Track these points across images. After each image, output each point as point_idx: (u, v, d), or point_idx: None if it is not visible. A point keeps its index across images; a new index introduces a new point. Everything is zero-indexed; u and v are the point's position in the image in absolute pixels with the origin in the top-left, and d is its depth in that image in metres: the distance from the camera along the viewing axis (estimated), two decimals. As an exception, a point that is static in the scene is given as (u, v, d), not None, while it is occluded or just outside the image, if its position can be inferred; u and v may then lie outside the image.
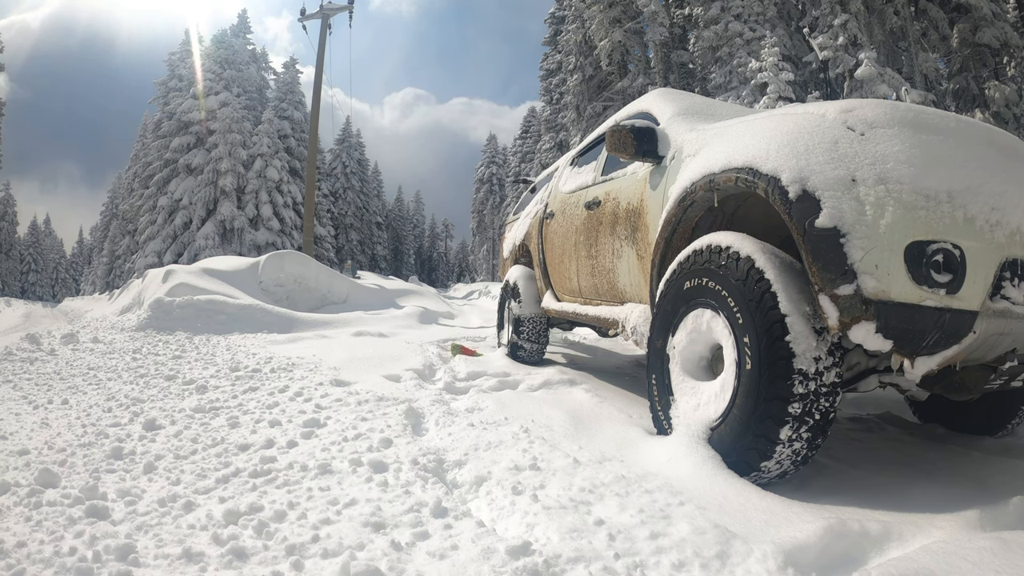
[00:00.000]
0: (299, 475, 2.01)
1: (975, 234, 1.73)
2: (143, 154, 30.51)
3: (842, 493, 1.92)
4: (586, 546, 1.49)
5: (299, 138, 28.90)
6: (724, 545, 1.48)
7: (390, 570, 1.39)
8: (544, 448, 2.31)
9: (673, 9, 18.99)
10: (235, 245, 24.45)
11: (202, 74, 25.96)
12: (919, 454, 2.41)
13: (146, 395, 3.27)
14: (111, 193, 44.35)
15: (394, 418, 2.67)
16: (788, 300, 1.85)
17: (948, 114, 2.01)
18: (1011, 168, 1.89)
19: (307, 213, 18.21)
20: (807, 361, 1.79)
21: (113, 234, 36.04)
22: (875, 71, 11.53)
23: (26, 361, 4.44)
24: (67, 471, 2.06)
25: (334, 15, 18.77)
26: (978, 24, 12.98)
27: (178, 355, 4.80)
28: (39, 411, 2.95)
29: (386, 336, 6.06)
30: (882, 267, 1.68)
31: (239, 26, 30.11)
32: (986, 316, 1.74)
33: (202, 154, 25.39)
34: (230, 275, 8.66)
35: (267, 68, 31.84)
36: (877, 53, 12.12)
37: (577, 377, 3.65)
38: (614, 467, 1.93)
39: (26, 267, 57.17)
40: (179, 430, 2.57)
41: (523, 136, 39.57)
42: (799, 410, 1.80)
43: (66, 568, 1.40)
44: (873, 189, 1.74)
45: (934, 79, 13.52)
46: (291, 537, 1.57)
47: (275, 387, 3.39)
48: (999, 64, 13.15)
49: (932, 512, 1.73)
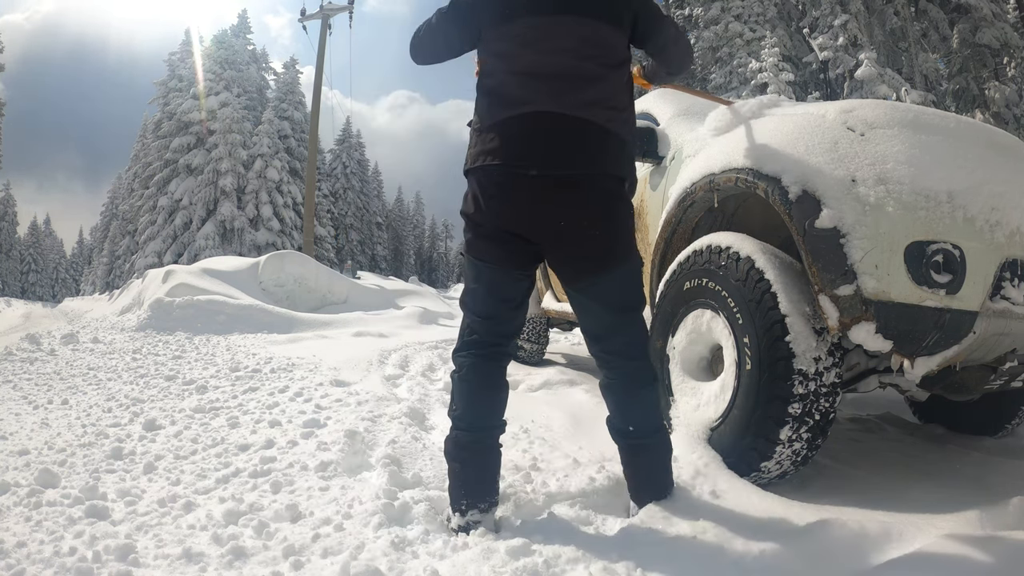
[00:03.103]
0: (299, 475, 2.02)
1: (975, 234, 1.73)
2: (143, 154, 30.51)
3: (842, 493, 1.92)
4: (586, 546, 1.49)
5: (299, 138, 28.89)
6: (724, 545, 1.48)
7: (390, 570, 1.39)
8: (544, 448, 2.31)
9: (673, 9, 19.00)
10: (235, 245, 24.45)
11: (202, 74, 25.96)
12: (919, 454, 2.41)
13: (146, 395, 3.27)
14: (111, 193, 44.37)
15: (394, 418, 2.67)
16: (788, 300, 1.85)
17: (948, 114, 2.02)
18: (1011, 168, 1.90)
19: (307, 213, 18.22)
20: (807, 361, 1.79)
21: (113, 234, 36.05)
22: (875, 71, 11.54)
23: (26, 361, 4.44)
24: (67, 471, 2.06)
25: (334, 15, 18.79)
26: (978, 25, 12.99)
27: (178, 355, 4.80)
28: (39, 411, 2.95)
29: (386, 336, 6.06)
30: (882, 267, 1.68)
31: (239, 26, 30.10)
32: (986, 316, 1.74)
33: (202, 154, 25.39)
34: (230, 275, 8.66)
35: (267, 68, 31.82)
36: (877, 53, 12.12)
37: (577, 377, 3.65)
38: (614, 467, 1.93)
39: (26, 267, 57.19)
40: (179, 430, 2.57)
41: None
42: (799, 410, 1.80)
43: (66, 568, 1.40)
44: (873, 189, 1.74)
45: (934, 79, 13.52)
46: (291, 537, 1.57)
47: (275, 387, 3.39)
48: (999, 65, 13.15)
49: (932, 512, 1.73)
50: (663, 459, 1.72)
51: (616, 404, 1.70)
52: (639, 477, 1.71)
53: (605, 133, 1.61)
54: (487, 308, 1.69)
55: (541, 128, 1.58)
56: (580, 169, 1.58)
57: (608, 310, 1.66)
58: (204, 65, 26.28)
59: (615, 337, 1.67)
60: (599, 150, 1.60)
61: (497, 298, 1.68)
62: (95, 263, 42.58)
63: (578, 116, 1.59)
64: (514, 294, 1.70)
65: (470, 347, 1.70)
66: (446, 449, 1.71)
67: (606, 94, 1.64)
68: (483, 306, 1.69)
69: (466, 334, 1.72)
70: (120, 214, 35.05)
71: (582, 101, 1.60)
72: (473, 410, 1.69)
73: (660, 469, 1.72)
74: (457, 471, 1.67)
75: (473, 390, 1.69)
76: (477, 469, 1.67)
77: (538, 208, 1.59)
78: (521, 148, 1.59)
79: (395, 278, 20.98)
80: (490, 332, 1.70)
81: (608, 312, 1.66)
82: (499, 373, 1.73)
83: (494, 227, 1.63)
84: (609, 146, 1.62)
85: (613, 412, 1.72)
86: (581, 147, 1.58)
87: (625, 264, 1.66)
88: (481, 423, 1.69)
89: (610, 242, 1.62)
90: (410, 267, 51.55)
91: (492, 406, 1.72)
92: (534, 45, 1.62)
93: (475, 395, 1.69)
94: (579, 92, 1.60)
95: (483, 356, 1.69)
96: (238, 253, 22.63)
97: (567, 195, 1.58)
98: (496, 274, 1.67)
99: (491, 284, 1.68)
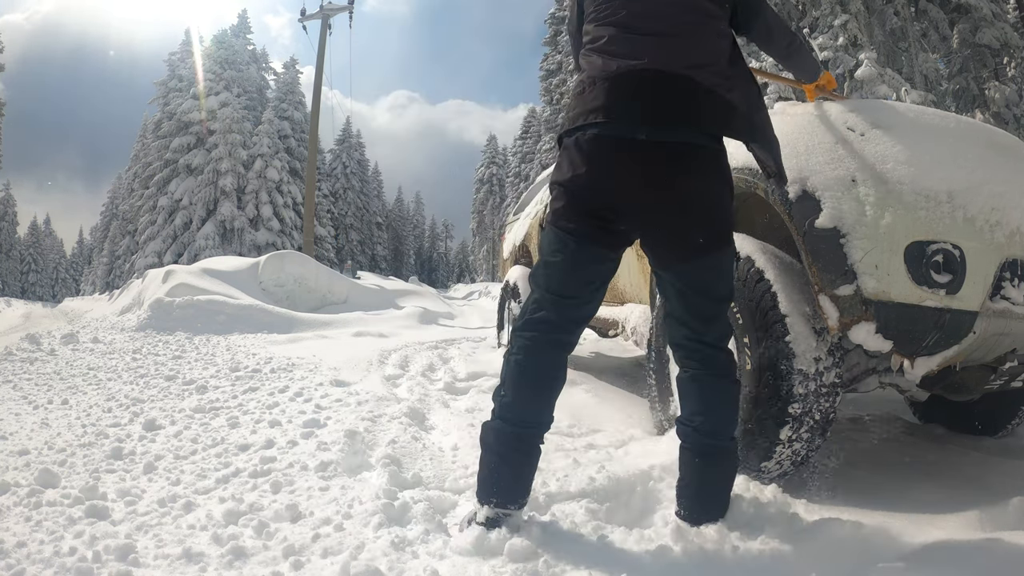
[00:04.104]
0: (299, 475, 2.02)
1: (975, 234, 1.73)
2: (143, 154, 30.52)
3: (842, 493, 1.92)
4: (587, 547, 1.49)
5: (299, 138, 28.89)
6: (723, 544, 1.48)
7: (390, 570, 1.39)
8: (545, 448, 2.31)
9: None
10: (235, 245, 24.45)
11: (202, 74, 25.97)
12: (919, 454, 2.41)
13: (146, 395, 3.27)
14: (111, 193, 44.37)
15: (394, 418, 2.67)
16: (788, 300, 1.85)
17: (948, 114, 2.02)
18: (1011, 168, 1.89)
19: (307, 213, 18.22)
20: (807, 361, 1.79)
21: (113, 234, 36.05)
22: (875, 71, 11.53)
23: (26, 361, 4.44)
24: (67, 471, 2.06)
25: (334, 15, 18.78)
26: (978, 25, 12.98)
27: (178, 355, 4.80)
28: (39, 411, 2.95)
29: (386, 336, 6.06)
30: (882, 267, 1.68)
31: (239, 26, 30.11)
32: (986, 316, 1.74)
33: (202, 154, 25.40)
34: (230, 275, 8.66)
35: (267, 68, 31.84)
36: (877, 54, 12.12)
37: (577, 377, 3.65)
38: (614, 467, 1.93)
39: (26, 267, 57.20)
40: (179, 430, 2.57)
41: (523, 136, 39.57)
42: (799, 410, 1.80)
43: (66, 568, 1.40)
44: (873, 189, 1.74)
45: (934, 79, 13.52)
46: (291, 537, 1.57)
47: (275, 387, 3.39)
48: (999, 65, 13.15)
49: (932, 512, 1.73)
50: (732, 472, 1.59)
51: (701, 399, 1.55)
52: (705, 492, 1.56)
53: (719, 99, 1.49)
54: (564, 286, 1.53)
55: (647, 85, 1.47)
56: (692, 136, 1.47)
57: (708, 297, 1.54)
58: (204, 65, 26.29)
59: (713, 325, 1.54)
60: (717, 116, 1.49)
61: (578, 277, 1.52)
62: (95, 263, 42.58)
63: (689, 76, 1.47)
64: (595, 276, 1.55)
65: (535, 327, 1.53)
66: (483, 436, 1.57)
67: (714, 59, 1.53)
68: (559, 284, 1.53)
69: (532, 310, 1.55)
70: (120, 214, 35.05)
71: (691, 62, 1.49)
72: (524, 402, 1.54)
73: (727, 483, 1.58)
74: (494, 465, 1.53)
75: (529, 379, 1.54)
76: (515, 467, 1.54)
77: (644, 179, 1.46)
78: (630, 104, 1.46)
79: (395, 278, 20.97)
80: (561, 315, 1.53)
81: (708, 300, 1.54)
82: (561, 363, 1.58)
83: (589, 196, 1.50)
84: (723, 113, 1.50)
85: (694, 409, 1.56)
86: (695, 110, 1.47)
87: (728, 248, 1.55)
88: (530, 418, 1.55)
89: (717, 222, 1.52)
90: (410, 267, 51.55)
91: (546, 401, 1.57)
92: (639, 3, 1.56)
93: (531, 385, 1.54)
94: (687, 52, 1.50)
95: (547, 342, 1.54)
96: (238, 253, 22.64)
97: (677, 165, 1.46)
98: (582, 249, 1.51)
99: (575, 260, 1.52)
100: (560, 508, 1.71)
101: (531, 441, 1.56)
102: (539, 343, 1.54)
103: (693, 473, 1.58)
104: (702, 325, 1.55)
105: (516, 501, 1.54)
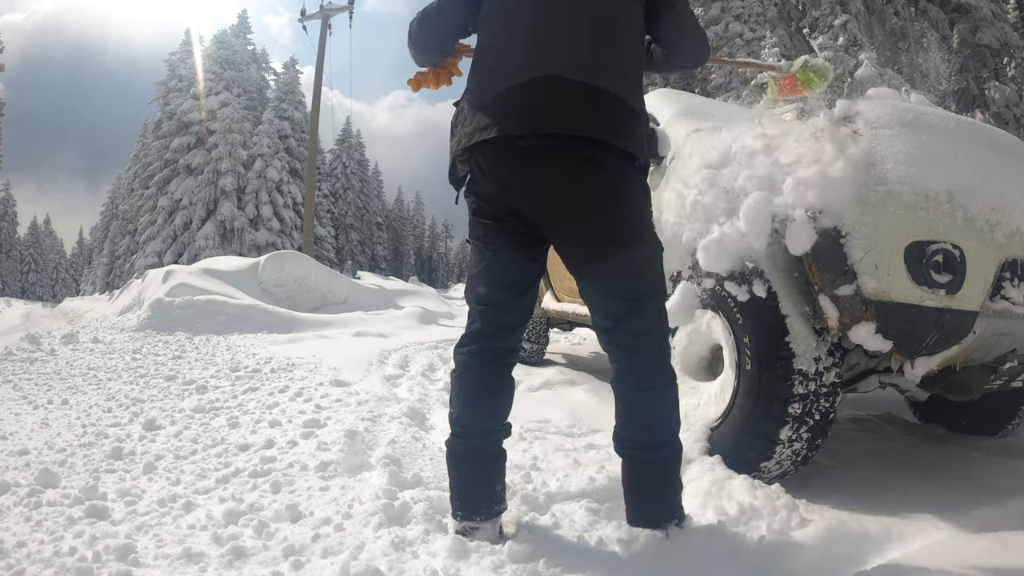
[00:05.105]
0: (299, 475, 2.02)
1: (975, 234, 1.73)
2: (143, 154, 30.49)
3: (842, 493, 1.92)
4: (587, 547, 1.49)
5: (299, 138, 28.88)
6: (723, 544, 1.48)
7: (390, 570, 1.39)
8: (544, 448, 2.31)
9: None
10: (235, 245, 24.44)
11: (202, 74, 25.96)
12: (919, 454, 2.41)
13: (146, 395, 3.27)
14: (111, 193, 44.36)
15: (394, 418, 2.67)
16: (788, 300, 1.85)
17: (948, 114, 2.01)
18: (1011, 168, 1.89)
19: (307, 213, 18.23)
20: (807, 361, 1.79)
21: (113, 234, 36.03)
22: (875, 71, 11.54)
23: (26, 361, 4.44)
24: (67, 471, 2.06)
25: (334, 15, 18.79)
26: (978, 25, 12.99)
27: (178, 355, 4.80)
28: (39, 411, 2.95)
29: (386, 336, 6.06)
30: (882, 267, 1.68)
31: (239, 26, 30.10)
32: (986, 316, 1.74)
33: (202, 154, 25.39)
34: (230, 275, 8.66)
35: (267, 68, 31.82)
36: (877, 54, 12.13)
37: (577, 377, 3.65)
38: (614, 467, 1.93)
39: (26, 267, 57.18)
40: (179, 430, 2.57)
41: (523, 136, 39.47)
42: (799, 410, 1.80)
43: (66, 568, 1.40)
44: (873, 189, 1.74)
45: (934, 79, 13.52)
46: (291, 537, 1.57)
47: (275, 387, 3.39)
48: (999, 65, 13.15)
49: (932, 512, 1.73)
50: (661, 480, 1.51)
51: (617, 405, 1.55)
52: (628, 496, 1.55)
53: (614, 100, 1.47)
54: (487, 295, 1.55)
55: (536, 96, 1.45)
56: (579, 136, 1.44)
57: (614, 298, 1.50)
58: (204, 65, 26.28)
59: (621, 326, 1.49)
60: (609, 120, 1.46)
61: (497, 283, 1.55)
62: (95, 263, 42.57)
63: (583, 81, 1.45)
64: (516, 280, 1.56)
65: (470, 340, 1.57)
66: (446, 452, 1.60)
67: (616, 59, 1.50)
68: (483, 294, 1.55)
69: (466, 326, 1.59)
70: (120, 214, 35.03)
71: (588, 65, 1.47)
72: (468, 413, 1.56)
73: (655, 492, 1.51)
74: (452, 478, 1.58)
75: (469, 390, 1.55)
76: (473, 478, 1.55)
77: (533, 182, 1.46)
78: (517, 116, 1.45)
79: (395, 278, 20.97)
80: (489, 322, 1.55)
81: (614, 300, 1.50)
82: (499, 372, 1.57)
83: (491, 206, 1.52)
84: (617, 115, 1.47)
85: (617, 419, 1.55)
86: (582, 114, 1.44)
87: (631, 249, 1.49)
88: (477, 428, 1.55)
89: (614, 222, 1.47)
90: (410, 267, 51.55)
91: (489, 409, 1.56)
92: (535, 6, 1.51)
93: (471, 396, 1.55)
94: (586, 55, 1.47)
95: (482, 352, 1.55)
96: (238, 253, 22.63)
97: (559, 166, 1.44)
98: (497, 257, 1.54)
99: (489, 269, 1.55)
100: (560, 508, 1.71)
101: (481, 452, 1.57)
102: (474, 354, 1.56)
103: (623, 480, 1.57)
104: (613, 327, 1.51)
105: (480, 512, 1.53)
